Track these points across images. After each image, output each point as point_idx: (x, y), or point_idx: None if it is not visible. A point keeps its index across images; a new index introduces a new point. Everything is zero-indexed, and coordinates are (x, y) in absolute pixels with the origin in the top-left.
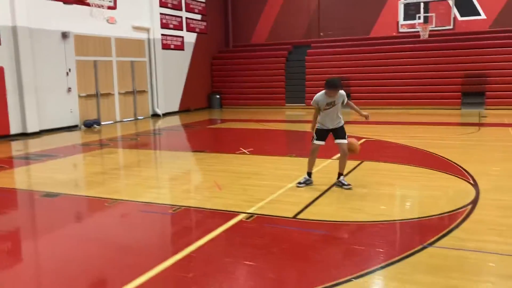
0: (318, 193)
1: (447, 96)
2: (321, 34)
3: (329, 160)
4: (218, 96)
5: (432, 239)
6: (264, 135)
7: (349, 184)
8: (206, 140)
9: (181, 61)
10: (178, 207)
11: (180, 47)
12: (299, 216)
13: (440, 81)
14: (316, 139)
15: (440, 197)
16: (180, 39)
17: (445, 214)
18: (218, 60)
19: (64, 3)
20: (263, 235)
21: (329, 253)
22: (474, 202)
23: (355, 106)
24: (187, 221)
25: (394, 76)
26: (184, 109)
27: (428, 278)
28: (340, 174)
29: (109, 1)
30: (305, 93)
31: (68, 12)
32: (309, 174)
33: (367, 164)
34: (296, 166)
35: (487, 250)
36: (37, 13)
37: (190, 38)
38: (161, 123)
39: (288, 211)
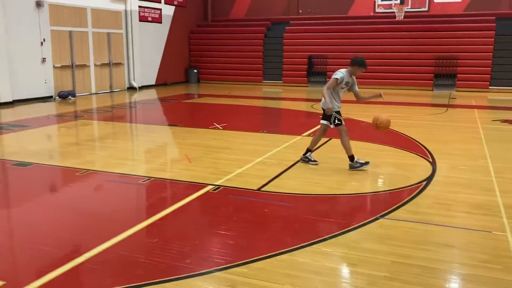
0: (283, 168)
1: (420, 77)
2: (300, 11)
3: (299, 137)
4: (195, 71)
5: (384, 212)
6: (239, 111)
7: (315, 161)
8: (181, 114)
9: (158, 34)
10: (148, 178)
11: (158, 20)
12: (264, 189)
13: (414, 62)
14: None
15: (397, 174)
16: (157, 11)
17: (399, 189)
18: (196, 34)
19: None
20: (227, 205)
21: (286, 223)
22: (429, 179)
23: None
24: (155, 192)
25: (370, 56)
26: (161, 83)
27: (375, 246)
28: (308, 150)
29: None
30: (282, 70)
31: None
32: (308, 150)
33: (334, 141)
34: (266, 142)
35: (432, 222)
36: None
37: (168, 10)
38: (137, 96)
39: (253, 184)
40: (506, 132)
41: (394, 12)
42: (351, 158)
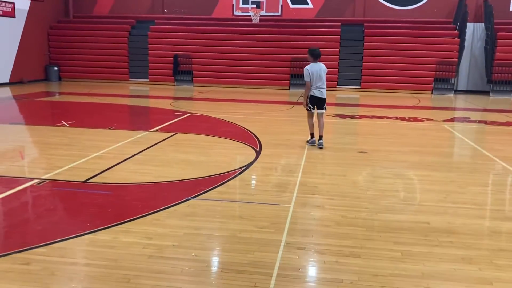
0: (118, 161)
1: (277, 77)
2: (165, 10)
3: (146, 132)
4: (56, 68)
5: (197, 193)
6: (94, 109)
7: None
8: (30, 112)
9: (11, 29)
10: None
11: (11, 14)
12: (91, 181)
13: (271, 63)
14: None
15: (223, 162)
16: (10, 5)
17: (219, 174)
18: (57, 30)
19: None
20: (47, 197)
21: (100, 209)
22: (249, 165)
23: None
24: None
25: (231, 57)
26: (16, 81)
27: (175, 222)
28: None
29: None
30: (148, 68)
31: None
32: (312, 135)
33: (179, 136)
34: (110, 137)
35: (234, 199)
36: None
37: (22, 5)
38: None
39: (81, 177)
40: (332, 124)
41: (251, 16)
42: (312, 135)
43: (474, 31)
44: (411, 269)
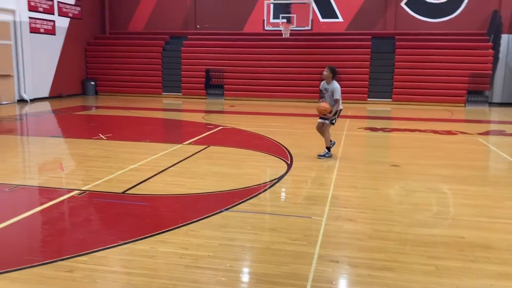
0: (154, 173)
1: (308, 90)
2: (198, 26)
3: (179, 145)
4: (93, 83)
5: (230, 205)
6: (130, 122)
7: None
8: (69, 126)
9: (52, 46)
10: (15, 186)
11: (51, 32)
12: (128, 192)
13: (301, 76)
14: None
15: (255, 174)
16: (51, 23)
17: (251, 187)
18: (94, 46)
19: None
20: (88, 207)
21: (137, 219)
22: (280, 178)
23: (336, 108)
24: (20, 198)
25: (262, 70)
26: (55, 95)
27: (211, 233)
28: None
29: None
30: (181, 82)
31: None
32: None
33: (212, 148)
34: (145, 150)
35: (267, 211)
36: None
37: (62, 22)
38: (27, 109)
39: (119, 188)
40: (364, 137)
41: (281, 30)
42: (328, 148)
43: (509, 42)
44: (446, 284)
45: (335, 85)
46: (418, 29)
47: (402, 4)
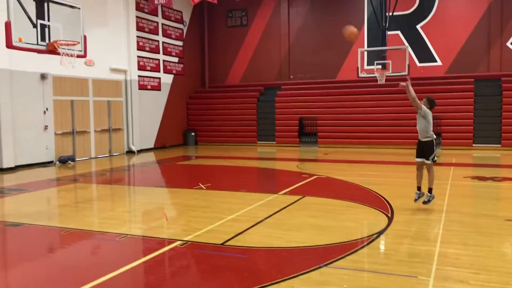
0: (251, 224)
1: (405, 137)
2: (291, 76)
3: (275, 195)
4: (193, 134)
5: (329, 261)
6: (227, 171)
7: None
8: (172, 176)
9: (157, 100)
10: (124, 235)
11: (157, 88)
12: (227, 243)
13: (398, 122)
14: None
15: (353, 227)
16: (157, 80)
17: (350, 241)
18: (194, 99)
19: (38, 53)
20: (190, 258)
21: (237, 272)
22: (381, 232)
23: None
24: (127, 248)
25: (356, 117)
26: (159, 146)
27: None
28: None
29: (79, 51)
30: (275, 131)
31: (47, 55)
32: (418, 188)
33: (307, 199)
34: (242, 200)
35: (367, 269)
36: (18, 56)
37: (167, 79)
38: (134, 160)
39: (218, 239)
40: (471, 187)
41: (376, 76)
42: (418, 188)
43: None
44: None
45: (428, 110)
46: None
47: (508, 44)
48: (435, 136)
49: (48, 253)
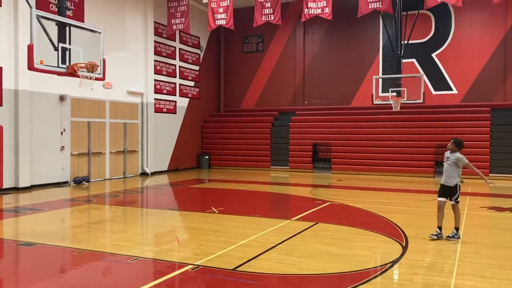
0: (263, 250)
1: (420, 165)
2: (306, 102)
3: (287, 221)
4: (207, 157)
5: None
6: (240, 195)
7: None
8: (184, 198)
9: (172, 123)
10: (136, 258)
11: (172, 111)
12: (239, 269)
13: (413, 150)
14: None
15: (367, 256)
16: (172, 103)
17: (363, 270)
18: (209, 123)
19: (58, 75)
20: (200, 282)
21: None
22: (395, 261)
23: (476, 169)
24: (138, 270)
25: (371, 144)
26: (173, 169)
27: None
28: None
29: (98, 74)
30: (289, 156)
31: (66, 78)
32: (439, 228)
33: (320, 226)
34: (254, 225)
35: None
36: (38, 78)
37: (182, 102)
38: (147, 182)
39: (230, 264)
40: (488, 218)
41: (391, 104)
42: (439, 228)
43: None
44: None
45: (459, 155)
46: None
47: None
48: (463, 181)
49: (59, 274)
